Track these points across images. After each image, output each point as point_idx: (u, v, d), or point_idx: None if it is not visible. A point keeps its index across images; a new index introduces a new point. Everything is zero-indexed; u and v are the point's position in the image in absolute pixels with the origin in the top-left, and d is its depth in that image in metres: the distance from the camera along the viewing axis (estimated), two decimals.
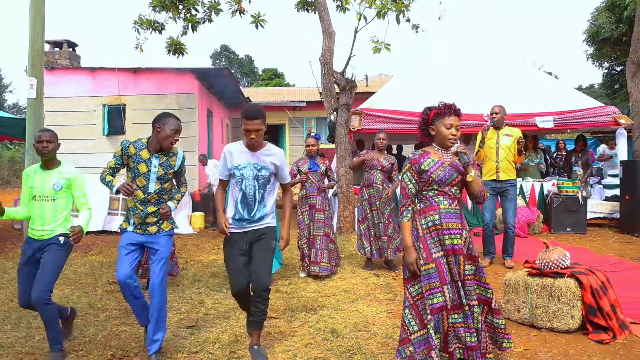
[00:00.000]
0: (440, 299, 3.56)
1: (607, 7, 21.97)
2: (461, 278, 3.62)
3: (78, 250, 9.31)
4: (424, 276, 3.60)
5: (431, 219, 3.66)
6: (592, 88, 38.48)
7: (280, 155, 4.37)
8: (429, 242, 3.65)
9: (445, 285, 3.56)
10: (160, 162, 4.33)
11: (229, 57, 53.97)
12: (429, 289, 3.58)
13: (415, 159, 3.72)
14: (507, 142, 7.30)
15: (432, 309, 3.54)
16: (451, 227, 3.64)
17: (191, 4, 11.37)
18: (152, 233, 4.36)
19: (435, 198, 3.68)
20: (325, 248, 7.08)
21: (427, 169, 3.67)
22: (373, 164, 7.35)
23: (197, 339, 4.71)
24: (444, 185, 3.66)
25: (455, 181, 3.67)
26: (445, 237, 3.63)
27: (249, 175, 4.25)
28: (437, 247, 3.64)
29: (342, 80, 10.56)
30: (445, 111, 3.70)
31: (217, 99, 17.60)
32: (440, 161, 3.69)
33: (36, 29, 8.24)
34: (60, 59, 14.91)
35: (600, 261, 7.38)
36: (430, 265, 3.60)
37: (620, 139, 11.24)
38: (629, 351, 4.22)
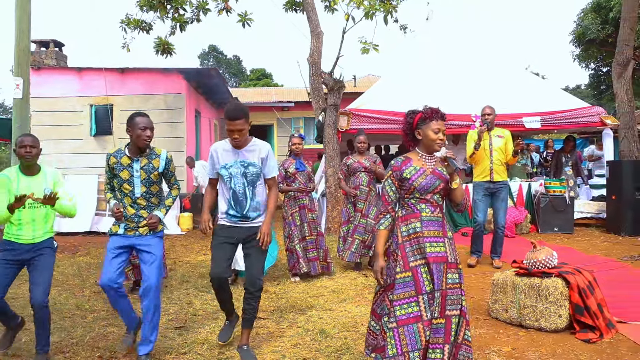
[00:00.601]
0: (414, 308, 3.41)
1: (593, 8, 22.12)
2: (442, 287, 3.44)
3: (65, 251, 9.25)
4: (399, 284, 3.47)
5: (412, 226, 3.55)
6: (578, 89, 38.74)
7: (266, 148, 4.37)
8: (407, 250, 3.52)
9: (421, 295, 3.42)
10: (141, 165, 4.31)
11: (217, 57, 53.85)
12: (402, 297, 3.45)
13: (397, 166, 3.61)
14: (500, 144, 7.33)
15: (404, 320, 3.40)
16: (433, 234, 3.53)
17: (179, 4, 11.33)
18: (143, 234, 4.33)
19: (417, 205, 3.58)
20: (321, 247, 7.15)
21: (408, 177, 3.56)
22: (355, 167, 7.35)
23: (185, 339, 4.69)
24: (426, 193, 3.55)
25: (437, 189, 3.57)
26: (426, 245, 3.49)
27: (237, 173, 4.27)
28: (416, 255, 3.50)
29: (330, 81, 10.56)
30: (433, 115, 3.59)
31: (205, 99, 17.54)
32: (423, 169, 3.58)
33: (22, 28, 8.18)
34: (47, 58, 14.79)
35: (587, 261, 7.43)
36: (406, 273, 3.47)
37: (607, 139, 11.32)
38: (616, 350, 4.25)
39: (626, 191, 9.85)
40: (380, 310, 3.62)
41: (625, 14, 12.28)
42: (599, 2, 21.63)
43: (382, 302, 3.61)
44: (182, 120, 14.02)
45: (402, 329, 3.39)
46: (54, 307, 5.77)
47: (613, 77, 12.80)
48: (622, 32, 12.33)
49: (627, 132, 12.09)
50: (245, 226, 4.32)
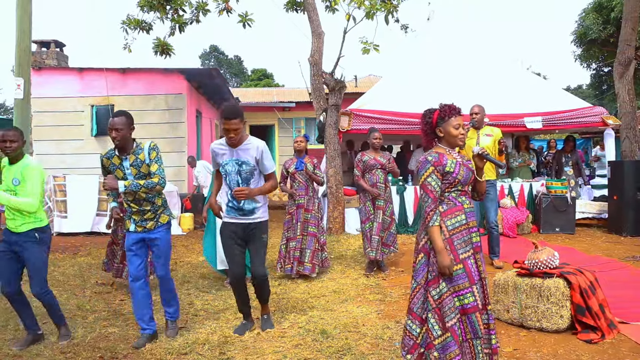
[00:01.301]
0: (471, 299, 3.51)
1: (594, 8, 22.10)
2: (483, 276, 3.61)
3: (66, 252, 9.26)
4: (454, 277, 3.55)
5: (458, 219, 3.62)
6: (580, 89, 38.71)
7: (260, 147, 4.60)
8: (455, 244, 3.59)
9: (474, 285, 3.53)
10: (130, 162, 4.49)
11: (218, 57, 53.85)
12: (457, 290, 3.53)
13: (437, 161, 3.62)
14: (487, 142, 7.26)
15: (465, 309, 3.51)
16: (474, 225, 3.67)
17: (178, 5, 11.32)
18: (151, 228, 4.61)
19: (459, 198, 3.65)
20: (308, 248, 7.06)
21: (452, 170, 3.60)
22: (372, 163, 7.31)
23: (186, 340, 4.69)
24: (465, 185, 3.67)
25: (471, 180, 3.70)
26: (472, 235, 3.63)
27: (232, 171, 4.60)
28: (464, 247, 3.59)
29: (331, 81, 10.55)
30: (451, 112, 3.67)
31: (206, 99, 17.54)
32: (458, 162, 3.65)
33: (23, 28, 8.17)
34: (48, 59, 14.79)
35: (588, 261, 7.42)
36: (458, 266, 3.55)
37: (608, 139, 11.31)
38: (617, 350, 4.24)
39: (628, 191, 9.83)
40: (417, 309, 3.63)
41: (626, 13, 12.25)
42: (601, 2, 21.62)
43: (420, 299, 3.63)
44: (183, 120, 14.03)
45: (464, 317, 3.53)
46: None
47: (615, 77, 12.77)
48: (623, 32, 12.31)
49: (629, 132, 12.06)
50: (245, 222, 4.70)
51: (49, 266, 7.74)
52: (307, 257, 7.02)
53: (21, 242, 4.49)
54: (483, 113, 7.43)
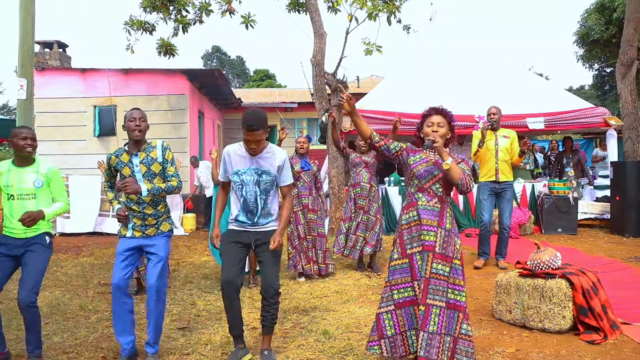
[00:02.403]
0: (410, 292, 3.68)
1: (596, 8, 22.09)
2: (426, 275, 3.61)
3: (69, 252, 9.28)
4: (396, 270, 3.75)
5: (411, 215, 3.77)
6: (582, 89, 38.68)
7: (282, 156, 4.18)
8: (405, 238, 3.76)
9: (416, 280, 3.66)
10: (140, 159, 4.24)
11: (221, 58, 53.90)
12: (399, 282, 3.73)
13: (410, 149, 3.90)
14: (505, 144, 7.33)
15: (401, 302, 3.70)
16: (427, 223, 3.70)
17: (182, 5, 11.33)
18: (150, 235, 4.28)
19: (416, 195, 3.78)
20: (320, 249, 7.10)
21: (410, 163, 3.82)
22: (357, 162, 7.34)
23: (189, 340, 4.69)
24: (424, 182, 3.76)
25: (436, 178, 3.73)
26: (423, 232, 3.68)
27: (250, 181, 4.11)
28: (414, 243, 3.72)
29: (334, 82, 10.55)
30: (429, 112, 3.88)
31: (209, 100, 17.56)
32: (426, 159, 3.79)
33: (26, 29, 8.19)
34: (51, 59, 14.83)
35: (591, 262, 7.41)
36: (404, 260, 3.74)
37: (611, 140, 11.31)
38: (620, 351, 4.24)
39: (630, 192, 9.83)
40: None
41: (629, 14, 12.24)
42: (603, 2, 21.60)
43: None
44: (185, 121, 14.05)
45: (399, 310, 3.70)
46: (57, 308, 5.80)
47: (617, 78, 12.75)
48: (626, 33, 12.29)
49: (631, 133, 12.04)
50: (255, 230, 4.19)
51: (52, 266, 7.82)
52: (320, 258, 7.09)
53: (28, 245, 4.19)
54: (500, 114, 7.47)
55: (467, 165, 3.80)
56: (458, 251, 3.72)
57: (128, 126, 4.21)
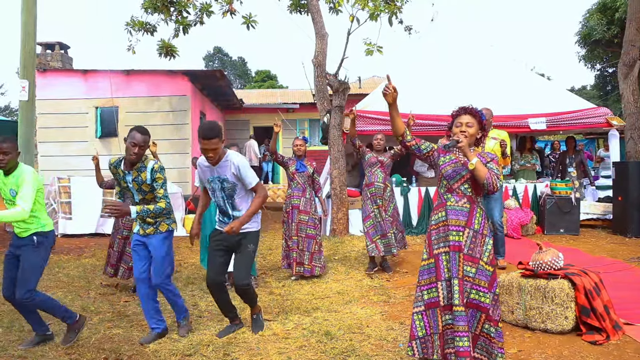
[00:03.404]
0: (434, 294, 3.69)
1: (598, 9, 22.08)
2: (459, 276, 3.63)
3: (71, 253, 9.28)
4: (424, 270, 3.78)
5: (440, 215, 3.78)
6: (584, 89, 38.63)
7: (235, 163, 4.53)
8: (433, 238, 3.78)
9: (440, 281, 3.67)
10: (133, 177, 4.56)
11: (222, 59, 53.92)
12: (426, 283, 3.74)
13: (441, 149, 3.93)
14: (492, 145, 7.31)
15: (429, 303, 3.70)
16: (454, 223, 3.70)
17: (182, 6, 11.34)
18: (149, 234, 4.67)
19: (445, 195, 3.81)
20: (307, 250, 7.07)
21: (440, 164, 3.85)
22: (372, 161, 7.33)
23: (190, 341, 4.69)
24: (452, 182, 3.77)
25: (464, 178, 3.74)
26: (450, 233, 3.69)
27: (216, 188, 4.62)
28: (440, 243, 3.73)
29: (335, 82, 10.55)
30: (458, 112, 3.91)
31: (210, 101, 17.57)
32: (455, 160, 3.81)
33: (28, 31, 8.20)
34: (53, 61, 14.86)
35: (593, 262, 7.40)
36: (430, 260, 3.76)
37: (613, 140, 11.28)
38: (622, 352, 4.23)
39: (632, 192, 9.82)
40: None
41: (631, 14, 12.24)
42: (605, 2, 21.60)
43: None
44: (187, 122, 14.05)
45: (429, 311, 3.71)
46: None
47: (619, 78, 12.76)
48: (628, 33, 12.29)
49: (634, 133, 12.05)
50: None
51: (53, 267, 7.82)
52: (307, 259, 7.06)
53: (22, 246, 4.48)
54: (489, 116, 7.45)
55: (496, 164, 3.79)
56: (485, 252, 3.69)
57: (127, 145, 4.47)
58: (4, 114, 38.80)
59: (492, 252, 3.76)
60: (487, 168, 3.68)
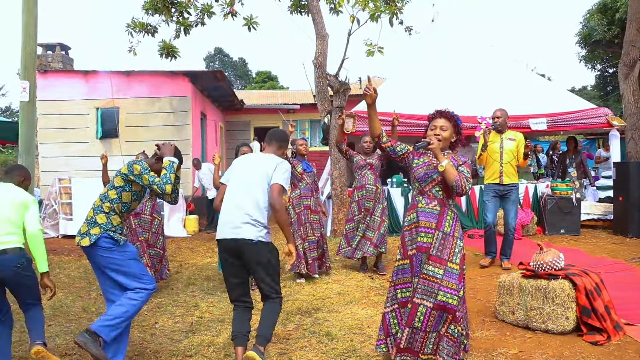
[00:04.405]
0: (407, 293, 3.80)
1: (599, 9, 22.08)
2: (419, 275, 3.72)
3: (72, 254, 9.29)
4: (399, 270, 3.87)
5: (412, 217, 3.87)
6: (585, 90, 38.59)
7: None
8: (406, 239, 3.87)
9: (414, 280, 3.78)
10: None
11: (223, 59, 53.91)
12: (400, 282, 3.85)
13: (415, 152, 3.97)
14: (511, 146, 7.33)
15: (403, 302, 3.80)
16: (424, 225, 3.77)
17: (183, 7, 11.35)
18: None
19: (417, 197, 3.88)
20: (315, 250, 7.08)
21: (414, 166, 3.90)
22: (362, 164, 7.33)
23: (191, 342, 4.69)
24: (424, 185, 3.83)
25: (435, 181, 3.80)
26: (419, 234, 3.77)
27: None
28: (412, 245, 3.81)
29: (336, 83, 10.55)
30: (434, 115, 3.96)
31: (211, 101, 17.58)
32: (428, 162, 3.86)
33: (29, 32, 8.19)
34: (53, 61, 14.88)
35: (594, 262, 7.39)
36: (405, 261, 3.85)
37: (613, 140, 11.27)
38: (623, 352, 4.23)
39: (633, 192, 9.81)
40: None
41: (631, 14, 12.24)
42: (605, 3, 21.60)
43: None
44: (187, 123, 14.06)
45: (402, 309, 3.82)
46: (60, 310, 5.80)
47: (619, 78, 12.76)
48: (628, 33, 12.29)
49: (634, 134, 12.05)
50: None
51: (54, 268, 7.85)
52: (326, 258, 7.22)
53: None
54: (505, 116, 7.50)
55: (467, 168, 3.82)
56: (456, 254, 3.73)
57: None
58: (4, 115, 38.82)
59: (464, 252, 3.83)
60: (458, 171, 3.73)
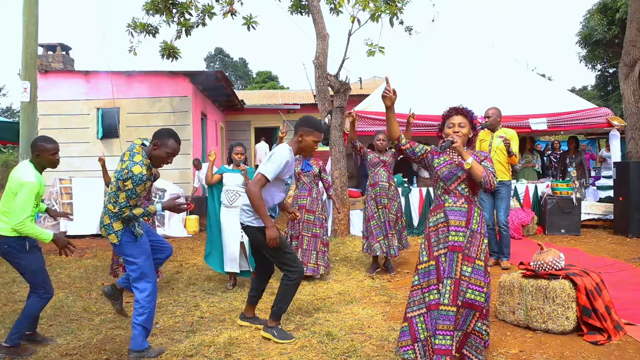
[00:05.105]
0: (436, 296, 3.70)
1: (599, 9, 22.08)
2: (456, 276, 3.67)
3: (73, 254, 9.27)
4: (424, 273, 3.80)
5: (438, 217, 3.82)
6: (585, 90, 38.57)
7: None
8: (432, 240, 3.81)
9: (441, 282, 3.70)
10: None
11: (223, 60, 53.97)
12: (427, 285, 3.76)
13: (434, 151, 3.97)
14: (498, 143, 7.36)
15: (430, 305, 3.72)
16: (455, 224, 3.74)
17: (184, 8, 11.35)
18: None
19: (442, 197, 3.84)
20: (314, 249, 7.06)
21: (435, 165, 3.88)
22: (375, 161, 7.33)
23: (192, 342, 4.70)
24: (449, 183, 3.81)
25: (460, 179, 3.78)
26: (451, 234, 3.73)
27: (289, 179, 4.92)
28: (440, 244, 3.76)
29: (336, 83, 10.55)
30: (449, 113, 3.94)
31: (212, 102, 17.58)
32: (450, 160, 3.85)
33: (30, 32, 8.20)
34: (54, 62, 14.87)
35: (594, 262, 7.40)
36: (431, 262, 3.78)
37: (614, 140, 11.26)
38: (624, 352, 4.23)
39: (633, 192, 9.81)
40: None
41: (631, 14, 12.23)
42: (605, 3, 21.60)
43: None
44: (188, 123, 14.06)
45: (430, 313, 3.73)
46: (61, 310, 5.81)
47: (620, 78, 12.75)
48: (628, 33, 12.28)
49: (634, 133, 12.03)
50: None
51: (55, 268, 7.86)
52: (313, 259, 7.03)
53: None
54: (497, 115, 7.52)
55: (490, 162, 3.83)
56: (483, 252, 3.75)
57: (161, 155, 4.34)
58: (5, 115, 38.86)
59: (487, 249, 3.83)
60: (483, 166, 3.71)
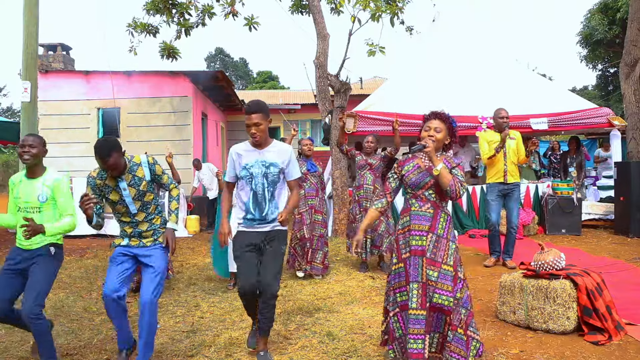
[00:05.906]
0: (405, 297, 3.72)
1: (600, 9, 22.08)
2: (421, 280, 3.67)
3: (73, 254, 9.30)
4: (395, 275, 3.84)
5: (405, 220, 3.84)
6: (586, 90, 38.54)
7: (288, 151, 4.28)
8: (400, 243, 3.84)
9: (409, 284, 3.71)
10: (128, 182, 4.06)
11: (224, 60, 53.99)
12: (398, 286, 3.80)
13: (401, 161, 3.95)
14: (512, 145, 7.38)
15: (402, 305, 3.76)
16: (417, 228, 3.75)
17: (184, 9, 11.35)
18: (147, 245, 4.15)
19: (410, 201, 3.86)
20: (320, 249, 7.11)
21: (404, 173, 3.88)
22: (361, 164, 7.36)
23: (192, 342, 4.70)
24: (417, 189, 3.81)
25: (428, 184, 3.77)
26: (412, 237, 3.75)
27: (258, 174, 4.16)
28: (406, 248, 3.79)
29: (337, 83, 10.55)
30: (429, 116, 3.93)
31: (212, 101, 17.59)
32: (418, 166, 3.85)
33: (30, 32, 8.19)
34: (54, 62, 14.88)
35: (595, 262, 7.39)
36: (400, 264, 3.82)
37: (614, 140, 11.26)
38: (625, 352, 4.23)
39: (634, 192, 9.81)
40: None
41: (632, 14, 12.22)
42: (606, 2, 21.60)
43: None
44: (188, 123, 14.07)
45: (402, 313, 3.77)
46: (62, 310, 5.81)
47: (620, 78, 12.73)
48: (629, 33, 12.27)
49: (635, 133, 12.02)
50: (264, 230, 4.21)
51: None
52: (319, 258, 7.11)
53: (33, 257, 4.07)
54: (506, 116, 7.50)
55: (461, 171, 3.81)
56: (450, 256, 3.71)
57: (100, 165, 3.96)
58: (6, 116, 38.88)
59: (457, 255, 3.78)
60: (452, 174, 3.71)
